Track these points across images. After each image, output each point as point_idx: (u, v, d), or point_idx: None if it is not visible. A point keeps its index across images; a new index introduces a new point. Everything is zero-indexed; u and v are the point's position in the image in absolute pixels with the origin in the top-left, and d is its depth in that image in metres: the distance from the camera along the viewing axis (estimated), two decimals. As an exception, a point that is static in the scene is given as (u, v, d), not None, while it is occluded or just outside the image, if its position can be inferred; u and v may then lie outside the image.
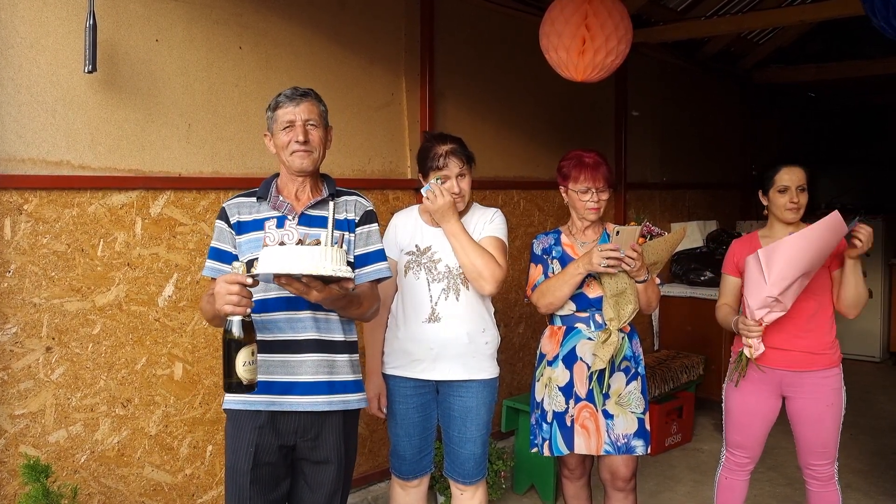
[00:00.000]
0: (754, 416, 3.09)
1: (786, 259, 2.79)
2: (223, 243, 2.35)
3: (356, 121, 3.80)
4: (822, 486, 3.08)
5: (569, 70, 3.44)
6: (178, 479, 3.15)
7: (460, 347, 2.82)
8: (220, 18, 3.23)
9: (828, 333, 3.01)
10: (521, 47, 4.65)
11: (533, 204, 4.89)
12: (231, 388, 2.05)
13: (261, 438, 2.27)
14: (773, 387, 3.05)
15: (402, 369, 2.86)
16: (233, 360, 2.02)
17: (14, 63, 2.67)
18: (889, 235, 7.33)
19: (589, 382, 2.97)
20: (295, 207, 2.34)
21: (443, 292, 2.82)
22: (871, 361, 7.25)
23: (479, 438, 2.88)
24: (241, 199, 2.39)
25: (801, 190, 3.00)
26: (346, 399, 2.37)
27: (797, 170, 3.02)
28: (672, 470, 4.58)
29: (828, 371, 3.00)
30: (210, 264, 2.34)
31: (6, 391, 2.68)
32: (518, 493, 4.23)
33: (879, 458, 4.78)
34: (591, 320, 2.99)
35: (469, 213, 2.92)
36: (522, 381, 4.83)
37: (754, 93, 7.49)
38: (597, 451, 2.98)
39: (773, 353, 3.00)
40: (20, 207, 2.69)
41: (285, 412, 2.29)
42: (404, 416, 2.87)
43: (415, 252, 2.86)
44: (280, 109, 2.32)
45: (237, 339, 2.03)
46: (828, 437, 3.03)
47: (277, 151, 2.36)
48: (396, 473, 2.93)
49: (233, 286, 2.03)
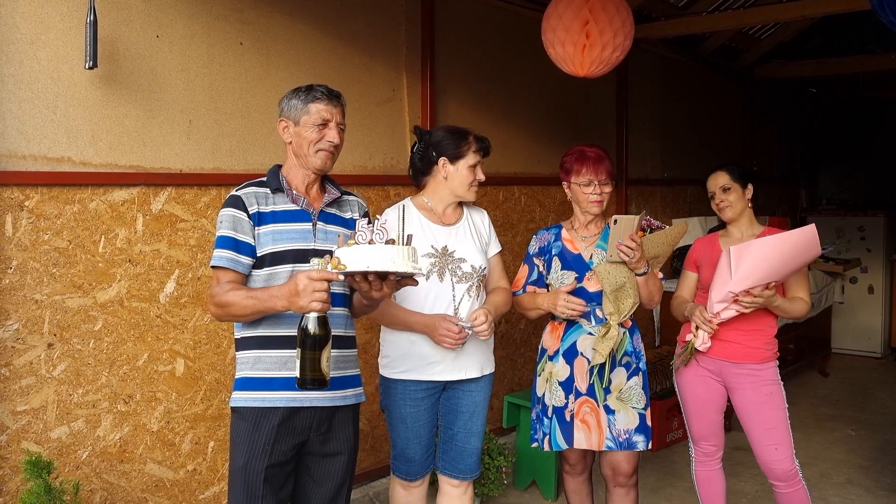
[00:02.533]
0: (708, 404, 3.22)
1: (752, 259, 2.93)
2: (241, 233, 2.23)
3: (357, 117, 3.80)
4: (787, 486, 3.09)
5: (572, 65, 3.43)
6: (179, 475, 3.15)
7: (476, 345, 2.82)
8: (220, 14, 3.22)
9: (766, 331, 3.15)
10: (522, 43, 4.64)
11: (534, 200, 4.89)
12: (307, 385, 2.03)
13: (278, 436, 2.24)
14: (716, 375, 3.20)
15: (416, 372, 2.76)
16: (316, 357, 2.00)
17: (15, 59, 2.66)
18: (890, 232, 7.33)
19: (589, 377, 2.97)
20: (312, 203, 2.33)
21: (466, 292, 2.79)
22: (872, 357, 7.25)
23: (481, 433, 2.90)
24: (254, 188, 2.30)
25: (725, 190, 3.22)
26: (357, 392, 2.41)
27: (716, 175, 3.26)
28: (673, 465, 4.58)
29: (764, 364, 3.14)
30: (225, 254, 2.21)
31: (8, 388, 2.68)
32: (520, 488, 4.24)
33: (881, 454, 4.78)
34: (591, 315, 2.99)
35: (465, 210, 2.92)
36: (524, 376, 4.84)
37: (755, 88, 7.48)
38: (598, 446, 2.98)
39: (715, 344, 3.14)
40: (21, 204, 2.69)
41: (303, 408, 2.27)
42: (415, 419, 2.79)
43: (435, 254, 2.77)
44: (316, 104, 2.27)
45: (321, 336, 2.01)
46: (775, 427, 3.07)
47: (298, 143, 2.29)
48: (403, 476, 2.85)
49: (321, 283, 2.00)
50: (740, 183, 3.21)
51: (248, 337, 2.28)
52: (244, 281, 2.24)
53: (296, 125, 2.30)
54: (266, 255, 2.24)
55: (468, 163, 2.79)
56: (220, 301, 2.18)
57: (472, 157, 2.80)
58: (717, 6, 5.68)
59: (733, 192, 3.20)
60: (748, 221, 3.24)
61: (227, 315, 2.20)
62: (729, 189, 3.20)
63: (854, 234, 7.41)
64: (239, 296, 2.16)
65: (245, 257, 2.23)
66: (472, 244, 2.84)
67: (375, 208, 3.87)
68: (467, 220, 2.88)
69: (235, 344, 2.34)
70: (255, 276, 2.25)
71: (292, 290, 2.04)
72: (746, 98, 7.46)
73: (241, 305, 2.15)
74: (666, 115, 6.27)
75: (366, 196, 3.81)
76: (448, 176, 2.80)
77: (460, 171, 2.79)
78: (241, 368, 2.31)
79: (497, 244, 2.97)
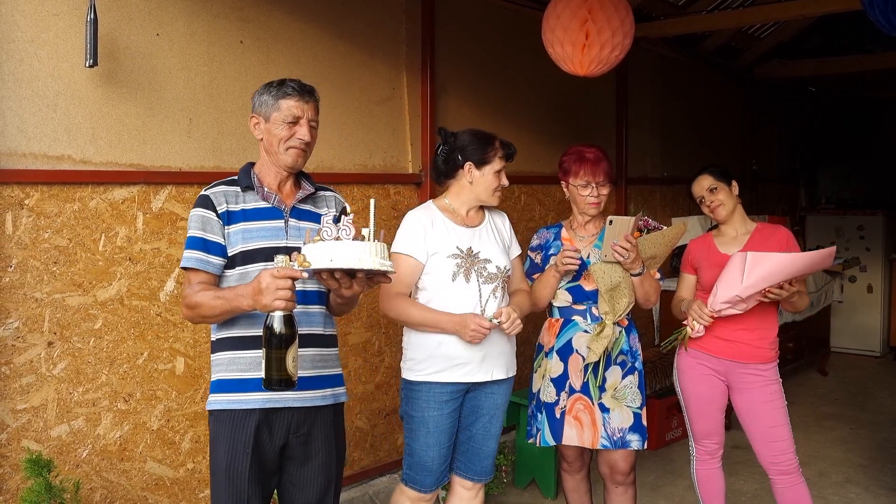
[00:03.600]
0: (711, 403, 3.22)
1: (768, 272, 2.93)
2: (210, 233, 2.20)
3: (357, 115, 3.80)
4: (789, 480, 3.12)
5: (572, 65, 3.44)
6: (179, 473, 3.15)
7: (503, 346, 2.81)
8: (220, 12, 3.22)
9: (770, 330, 3.16)
10: (523, 41, 4.64)
11: (534, 199, 4.89)
12: (272, 385, 1.98)
13: (258, 437, 2.20)
14: (720, 374, 3.19)
15: (442, 374, 2.72)
16: (282, 357, 1.96)
17: (15, 57, 2.66)
18: (889, 231, 7.33)
19: (584, 375, 2.98)
20: (284, 200, 2.29)
21: (492, 293, 2.76)
22: (871, 356, 7.26)
23: (499, 435, 2.89)
24: (224, 187, 2.27)
25: (712, 191, 3.21)
26: (336, 392, 2.35)
27: (700, 178, 3.25)
28: (672, 464, 4.58)
29: (766, 365, 3.15)
30: (194, 255, 2.18)
31: (8, 386, 2.68)
32: (519, 487, 4.24)
33: (879, 453, 4.79)
34: (587, 313, 3.02)
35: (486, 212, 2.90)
36: (524, 375, 4.81)
37: (755, 87, 7.48)
38: (592, 444, 3.00)
39: (717, 343, 3.15)
40: (21, 202, 2.69)
41: (280, 409, 2.22)
42: (438, 423, 2.73)
43: (460, 255, 2.74)
44: (286, 100, 2.23)
45: (286, 335, 1.97)
46: (778, 424, 3.10)
47: (269, 140, 2.25)
48: (417, 487, 2.77)
49: (285, 281, 1.96)
50: (725, 181, 3.21)
51: (224, 338, 2.25)
52: (216, 282, 2.21)
53: (266, 122, 2.25)
54: (237, 255, 2.20)
55: (494, 168, 2.79)
56: (189, 302, 2.15)
57: (498, 163, 2.80)
58: (716, 5, 5.68)
59: (721, 191, 3.19)
60: (741, 218, 3.24)
61: (198, 316, 2.18)
62: (716, 189, 3.19)
63: (853, 233, 7.41)
64: (207, 296, 2.13)
65: (215, 257, 2.20)
66: (496, 245, 2.83)
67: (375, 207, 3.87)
68: (489, 222, 2.88)
69: (211, 346, 2.30)
70: (227, 276, 2.22)
71: (256, 289, 2.00)
72: (746, 97, 7.45)
73: (210, 306, 2.12)
74: (666, 114, 6.27)
75: (366, 195, 3.82)
76: (473, 181, 2.79)
77: (486, 176, 2.78)
78: (216, 370, 2.26)
79: (517, 246, 2.97)
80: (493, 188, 2.81)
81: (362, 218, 3.82)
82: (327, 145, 3.60)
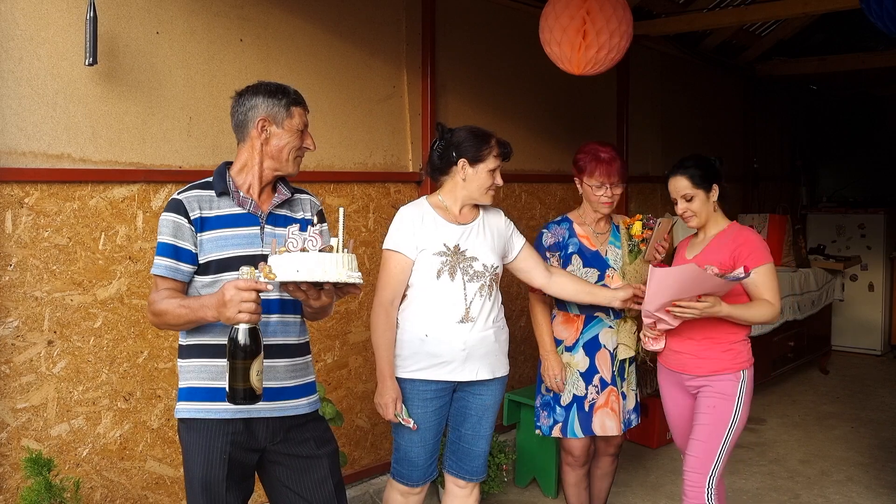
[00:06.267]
0: (680, 418, 3.06)
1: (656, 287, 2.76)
2: (181, 240, 2.13)
3: (357, 114, 3.79)
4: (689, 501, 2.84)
5: (567, 64, 3.45)
6: (180, 472, 3.14)
7: (489, 346, 2.79)
8: (220, 11, 3.21)
9: (723, 338, 2.90)
10: (523, 40, 4.63)
11: (534, 197, 4.88)
12: (237, 399, 1.93)
13: (234, 446, 2.15)
14: (682, 387, 3.02)
15: (426, 371, 2.72)
16: (247, 370, 1.91)
17: (14, 56, 2.66)
18: (890, 229, 7.32)
19: (613, 365, 3.15)
20: (261, 206, 2.21)
21: (478, 292, 2.75)
22: (872, 355, 7.25)
23: (490, 435, 2.89)
24: (198, 191, 2.18)
25: (687, 199, 2.93)
26: (311, 400, 2.31)
27: (676, 179, 2.97)
28: (673, 463, 4.58)
29: (721, 375, 2.89)
30: (164, 262, 2.12)
31: (8, 385, 2.68)
32: (520, 485, 4.24)
33: (881, 451, 4.78)
34: (610, 309, 3.13)
35: (481, 210, 2.89)
36: (524, 374, 4.83)
37: (756, 85, 7.46)
38: (618, 431, 3.18)
39: (671, 356, 3.01)
40: (21, 201, 2.69)
41: (254, 419, 2.17)
42: (422, 421, 2.74)
43: (447, 252, 2.73)
44: (298, 108, 2.20)
45: (250, 348, 1.91)
46: (700, 439, 2.85)
47: (277, 146, 2.19)
48: (404, 481, 2.79)
49: (249, 293, 1.90)
50: (703, 187, 2.92)
51: (194, 345, 2.18)
52: (184, 289, 2.16)
53: (279, 128, 2.18)
54: (211, 262, 2.14)
55: (488, 167, 2.77)
56: (155, 309, 2.10)
57: (493, 162, 2.77)
58: (718, 3, 5.67)
59: (696, 200, 2.92)
60: (713, 222, 2.98)
61: (163, 323, 2.13)
62: (692, 198, 2.93)
63: (854, 231, 7.40)
64: (173, 304, 2.08)
65: (185, 265, 2.14)
66: (485, 243, 2.81)
67: (376, 205, 3.88)
68: (482, 220, 2.86)
69: (179, 351, 2.25)
70: (197, 282, 2.16)
71: (220, 301, 1.94)
72: (747, 95, 7.44)
73: (175, 314, 2.07)
74: (667, 112, 6.26)
75: (366, 193, 3.81)
76: (467, 178, 2.77)
77: (479, 174, 2.77)
78: (185, 377, 2.20)
79: (519, 236, 2.95)
80: (486, 187, 2.79)
81: (361, 217, 3.82)
82: (327, 144, 3.59)
